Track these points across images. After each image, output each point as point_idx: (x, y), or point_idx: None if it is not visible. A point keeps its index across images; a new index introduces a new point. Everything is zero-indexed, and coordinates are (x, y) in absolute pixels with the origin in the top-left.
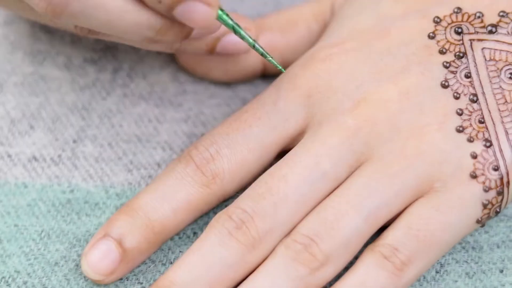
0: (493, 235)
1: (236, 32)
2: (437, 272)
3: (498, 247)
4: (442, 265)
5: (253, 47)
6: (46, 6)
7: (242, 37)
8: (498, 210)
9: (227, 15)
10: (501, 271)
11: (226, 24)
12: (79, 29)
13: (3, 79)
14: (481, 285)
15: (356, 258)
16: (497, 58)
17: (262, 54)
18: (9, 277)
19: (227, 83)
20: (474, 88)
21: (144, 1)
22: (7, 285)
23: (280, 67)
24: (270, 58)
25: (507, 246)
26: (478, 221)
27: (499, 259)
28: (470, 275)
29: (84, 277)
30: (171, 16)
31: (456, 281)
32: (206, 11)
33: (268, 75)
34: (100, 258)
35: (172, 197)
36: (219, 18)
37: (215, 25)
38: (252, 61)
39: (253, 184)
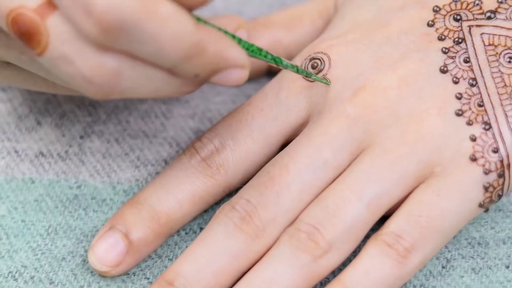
0: (499, 231)
1: (278, 63)
2: (443, 267)
3: (504, 243)
4: (448, 261)
5: (297, 71)
6: (97, 90)
7: (285, 66)
8: (500, 193)
9: (259, 51)
10: (507, 267)
11: (267, 61)
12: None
13: None
14: (487, 280)
15: (360, 248)
16: (496, 43)
17: (306, 75)
18: (16, 272)
19: None
20: (473, 72)
21: (182, 76)
22: (14, 280)
23: (327, 82)
24: (315, 77)
25: None
26: (480, 205)
27: (505, 255)
28: (476, 271)
29: (91, 272)
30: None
31: (462, 277)
32: (240, 74)
33: (273, 73)
34: (107, 250)
35: (177, 189)
36: (256, 55)
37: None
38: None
39: (256, 175)
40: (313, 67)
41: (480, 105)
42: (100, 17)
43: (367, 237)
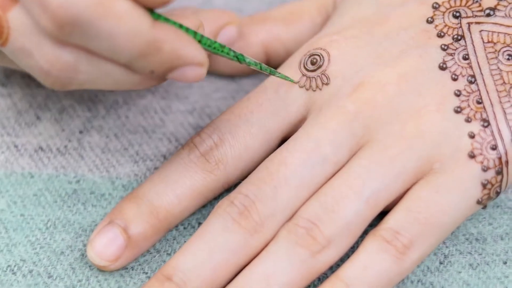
0: (497, 227)
1: (240, 61)
2: (441, 263)
3: (502, 239)
4: (446, 256)
5: (260, 69)
6: (54, 81)
7: (249, 64)
8: (498, 190)
9: (222, 48)
10: (505, 263)
11: (230, 58)
12: None
13: (11, 71)
14: (484, 276)
15: (358, 244)
16: (495, 40)
17: (270, 73)
18: (14, 266)
19: (232, 77)
20: (472, 69)
21: (137, 72)
22: (12, 273)
23: (292, 80)
24: (279, 75)
25: (511, 238)
26: (478, 202)
27: (503, 251)
28: (473, 266)
29: (90, 266)
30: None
31: (459, 272)
32: (198, 71)
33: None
34: (105, 244)
35: (176, 184)
36: (218, 52)
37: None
38: (254, 51)
39: (255, 170)
40: (313, 63)
41: (479, 102)
42: (55, 12)
43: (365, 232)
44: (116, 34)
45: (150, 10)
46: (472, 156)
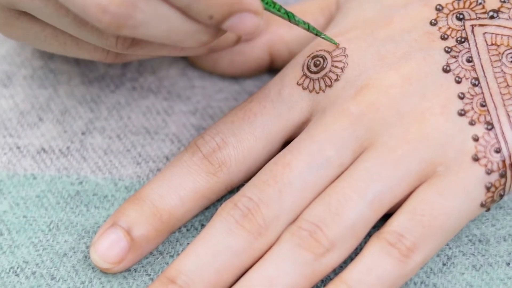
0: (500, 228)
1: (290, 18)
2: (444, 264)
3: (505, 240)
4: (449, 258)
5: (308, 29)
6: (111, 20)
7: (297, 22)
8: (502, 193)
9: (273, 4)
10: (508, 264)
11: (280, 15)
12: (120, 44)
13: (13, 72)
14: (487, 277)
15: (362, 247)
16: (498, 43)
17: (316, 34)
18: (17, 267)
19: (235, 78)
20: (475, 72)
21: (195, 17)
22: (15, 275)
23: (335, 42)
24: (324, 36)
25: None
26: (482, 205)
27: (506, 252)
28: (476, 268)
29: (93, 267)
30: (221, 29)
31: (463, 274)
32: (254, 20)
33: (275, 70)
34: (109, 247)
35: (179, 186)
36: (270, 8)
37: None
38: (258, 53)
39: (258, 173)
40: (316, 65)
41: (482, 105)
42: None
43: (369, 235)
44: None
45: None
46: (476, 159)
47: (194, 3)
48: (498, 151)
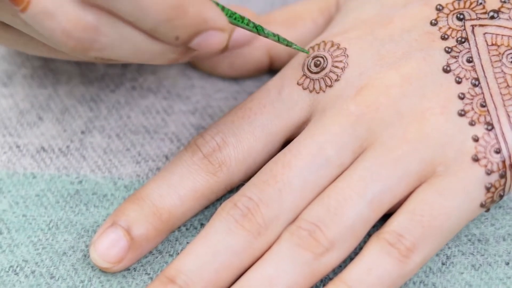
0: (499, 227)
1: (259, 32)
2: (443, 264)
3: (504, 239)
4: (448, 257)
5: (278, 40)
6: (75, 44)
7: (267, 35)
8: (502, 193)
9: (242, 19)
10: (507, 264)
11: (249, 29)
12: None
13: (13, 71)
14: (487, 277)
15: (361, 247)
16: (499, 43)
17: (287, 44)
18: (17, 266)
19: (235, 79)
20: (476, 72)
21: (161, 39)
22: (15, 274)
23: (307, 51)
24: (295, 46)
25: None
26: (482, 205)
27: (505, 252)
28: (476, 267)
29: (92, 266)
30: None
31: (462, 273)
32: (220, 37)
33: (274, 71)
34: (108, 246)
35: (179, 185)
36: (239, 23)
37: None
38: (258, 55)
39: (258, 172)
40: (316, 65)
41: (482, 106)
42: None
43: (368, 235)
44: None
45: None
46: (476, 159)
47: (158, 26)
48: (498, 151)
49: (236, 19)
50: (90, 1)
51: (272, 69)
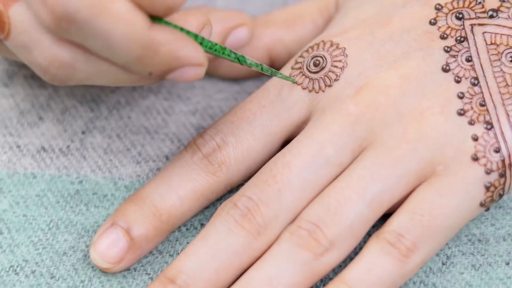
0: (499, 227)
1: (241, 62)
2: (443, 264)
3: (504, 239)
4: (448, 257)
5: (261, 69)
6: (52, 79)
7: (250, 65)
8: (501, 193)
9: (223, 50)
10: (507, 264)
11: (231, 60)
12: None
13: (13, 71)
14: (487, 277)
15: (361, 246)
16: (498, 42)
17: (271, 74)
18: (17, 266)
19: (235, 79)
20: (475, 71)
21: (135, 73)
22: (15, 274)
23: (294, 80)
24: (280, 75)
25: None
26: (481, 204)
27: (505, 252)
28: (476, 267)
29: (92, 266)
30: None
31: (462, 273)
32: (197, 71)
33: None
34: (108, 247)
35: (178, 186)
36: (219, 54)
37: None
38: (258, 55)
39: (258, 172)
40: (315, 65)
41: (482, 105)
42: (53, 6)
43: (368, 234)
44: (112, 34)
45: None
46: (475, 158)
47: (130, 64)
48: (497, 150)
49: (217, 51)
50: (65, 37)
51: None
